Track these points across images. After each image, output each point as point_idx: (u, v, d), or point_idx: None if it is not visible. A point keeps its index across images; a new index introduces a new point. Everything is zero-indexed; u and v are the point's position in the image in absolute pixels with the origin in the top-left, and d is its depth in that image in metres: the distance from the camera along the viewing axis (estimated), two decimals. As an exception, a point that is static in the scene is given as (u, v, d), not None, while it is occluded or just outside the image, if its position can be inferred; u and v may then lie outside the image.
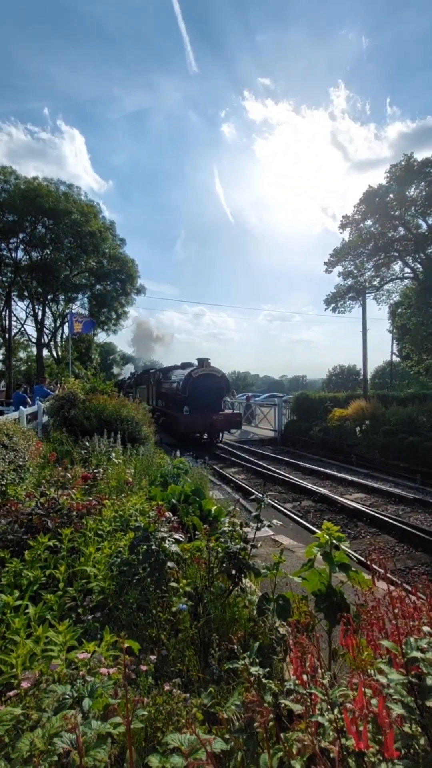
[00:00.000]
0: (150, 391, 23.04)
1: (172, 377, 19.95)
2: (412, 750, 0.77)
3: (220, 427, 16.54)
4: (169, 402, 19.32)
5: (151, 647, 2.22)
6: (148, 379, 24.23)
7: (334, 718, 0.76)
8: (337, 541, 2.75)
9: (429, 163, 22.49)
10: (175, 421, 16.60)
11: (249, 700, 0.71)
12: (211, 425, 16.01)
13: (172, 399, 18.32)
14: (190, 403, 16.21)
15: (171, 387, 18.93)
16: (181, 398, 16.57)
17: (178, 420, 16.13)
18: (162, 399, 20.74)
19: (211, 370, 17.14)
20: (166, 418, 18.61)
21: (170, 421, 17.56)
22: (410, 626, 0.91)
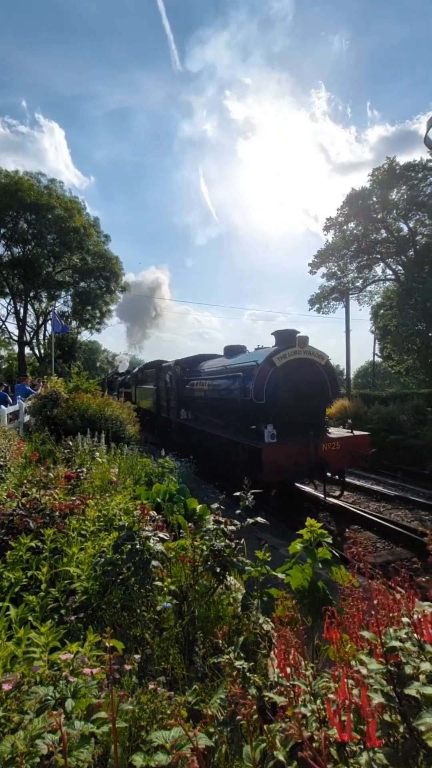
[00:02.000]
0: (165, 395, 14.59)
1: (205, 369, 11.88)
2: (392, 738, 0.79)
3: (338, 465, 7.73)
4: (212, 413, 10.66)
5: (136, 646, 2.21)
6: (159, 376, 15.70)
7: (317, 708, 0.77)
8: (320, 537, 2.79)
9: (411, 167, 22.95)
10: (236, 451, 8.08)
11: (232, 693, 0.71)
12: (321, 461, 7.34)
13: (225, 409, 9.62)
14: (273, 417, 7.62)
15: (218, 388, 10.09)
16: (251, 408, 8.04)
17: (245, 452, 7.65)
18: (191, 407, 12.34)
19: (309, 353, 8.12)
20: (206, 444, 10.05)
21: (221, 451, 8.96)
22: (389, 618, 0.93)
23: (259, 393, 7.65)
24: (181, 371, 13.38)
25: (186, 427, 12.10)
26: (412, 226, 23.98)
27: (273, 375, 7.74)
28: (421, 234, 23.56)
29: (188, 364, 13.57)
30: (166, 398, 14.52)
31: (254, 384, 7.70)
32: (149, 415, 17.29)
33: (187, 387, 12.70)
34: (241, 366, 8.90)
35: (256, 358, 8.30)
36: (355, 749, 0.70)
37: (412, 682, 0.74)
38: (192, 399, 12.22)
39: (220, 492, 6.24)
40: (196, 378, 12.16)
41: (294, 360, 8.01)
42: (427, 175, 22.54)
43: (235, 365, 9.36)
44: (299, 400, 7.99)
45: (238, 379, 8.71)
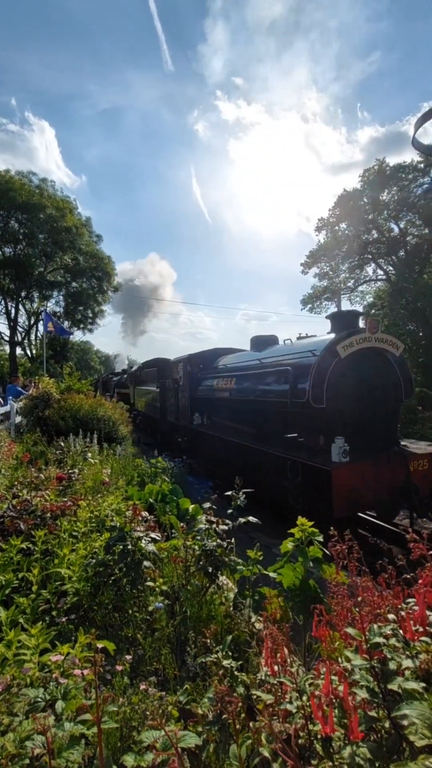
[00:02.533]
0: (173, 396, 12.10)
1: (227, 365, 9.49)
2: (378, 733, 0.80)
3: (427, 489, 5.45)
4: (239, 419, 8.34)
5: (127, 647, 2.21)
6: (164, 375, 13.71)
7: (302, 705, 0.78)
8: (311, 536, 2.81)
9: (401, 169, 23.17)
10: (283, 470, 5.80)
11: (219, 692, 0.72)
12: (410, 485, 5.20)
13: (260, 414, 7.31)
14: (337, 426, 5.52)
15: (249, 388, 7.74)
16: (303, 414, 5.88)
17: (302, 474, 5.42)
18: (207, 411, 9.96)
19: (382, 341, 5.96)
20: (231, 457, 7.93)
21: (254, 467, 6.83)
22: (376, 614, 0.95)
23: (318, 394, 5.37)
24: (194, 368, 10.92)
25: (201, 435, 9.68)
26: (403, 227, 24.22)
27: (336, 370, 5.47)
28: (412, 235, 23.81)
29: (203, 360, 11.09)
30: (174, 400, 11.94)
31: (312, 382, 5.42)
32: (150, 419, 15.63)
33: (201, 387, 10.30)
34: (289, 359, 6.40)
35: (311, 348, 5.91)
36: (339, 743, 0.71)
37: (395, 677, 0.76)
38: (209, 401, 9.73)
39: (212, 492, 6.22)
40: (214, 376, 9.63)
41: (363, 350, 5.65)
42: (416, 177, 22.77)
43: (277, 358, 6.96)
44: (370, 403, 5.73)
45: (284, 376, 6.26)
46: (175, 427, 12.30)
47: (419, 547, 0.86)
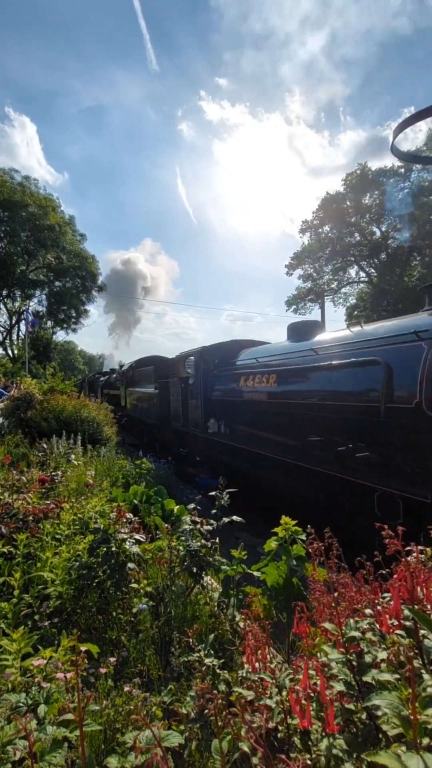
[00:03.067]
0: (179, 398, 10.07)
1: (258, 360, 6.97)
2: (353, 724, 0.83)
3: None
4: (281, 429, 5.99)
5: (112, 650, 2.20)
6: (165, 374, 11.66)
7: (281, 700, 0.80)
8: (295, 534, 2.85)
9: (382, 173, 23.61)
10: (360, 503, 4.12)
11: (200, 689, 0.74)
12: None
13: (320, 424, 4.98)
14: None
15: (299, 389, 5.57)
16: (402, 425, 3.78)
17: (400, 511, 3.64)
18: (228, 417, 7.93)
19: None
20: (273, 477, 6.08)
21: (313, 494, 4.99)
22: (354, 610, 0.97)
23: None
24: (209, 364, 8.61)
25: (220, 446, 7.76)
26: (384, 230, 24.69)
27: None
28: (393, 238, 24.29)
29: (220, 354, 8.68)
30: (180, 402, 9.77)
31: (425, 377, 3.64)
32: (146, 425, 13.41)
33: (219, 387, 8.11)
34: (374, 346, 4.42)
35: (418, 328, 3.89)
36: (317, 736, 0.74)
37: (370, 669, 0.79)
38: (230, 404, 7.46)
39: (197, 492, 6.14)
40: (238, 373, 7.27)
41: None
42: (398, 181, 23.25)
43: (350, 346, 4.79)
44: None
45: (371, 372, 4.29)
46: (181, 435, 10.13)
47: (394, 542, 0.89)
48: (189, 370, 9.81)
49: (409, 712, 0.59)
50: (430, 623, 0.75)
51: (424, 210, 22.45)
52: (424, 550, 0.99)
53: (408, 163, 19.15)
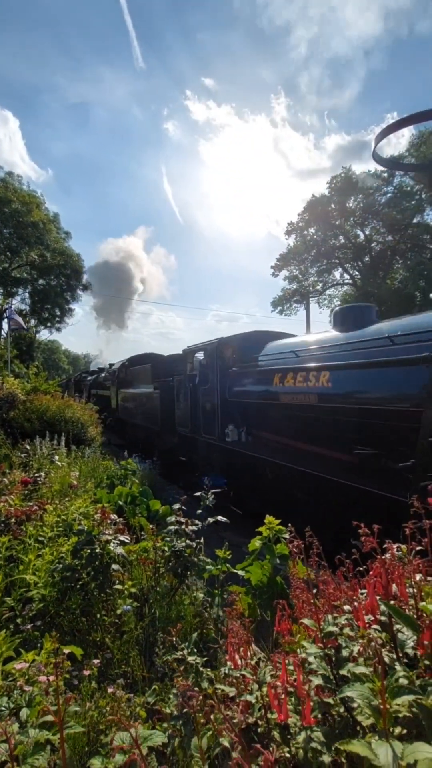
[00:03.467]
0: (185, 400, 8.69)
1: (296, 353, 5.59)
2: (331, 717, 0.86)
3: None
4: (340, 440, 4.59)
5: (95, 651, 2.19)
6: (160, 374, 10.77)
7: (262, 695, 0.82)
8: (279, 534, 2.89)
9: (366, 177, 23.99)
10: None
11: (181, 686, 0.75)
12: None
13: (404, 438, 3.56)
14: None
15: (367, 391, 4.24)
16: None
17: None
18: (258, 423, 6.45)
19: None
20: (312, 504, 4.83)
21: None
22: (331, 606, 1.00)
23: None
24: (226, 360, 7.25)
25: (244, 460, 6.23)
26: (368, 234, 25.10)
27: None
28: (376, 241, 24.71)
29: (240, 347, 7.23)
30: (188, 404, 8.24)
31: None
32: (143, 431, 11.64)
33: (240, 386, 6.65)
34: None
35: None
36: (295, 729, 0.76)
37: (346, 663, 0.81)
38: (257, 408, 6.17)
39: (183, 492, 6.03)
40: (268, 369, 5.94)
41: None
42: (381, 186, 23.66)
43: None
44: None
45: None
46: (189, 443, 8.51)
47: (370, 540, 0.92)
48: (200, 366, 8.07)
49: (379, 702, 0.62)
50: (403, 617, 0.78)
51: (406, 214, 22.94)
52: (399, 547, 1.03)
53: (389, 169, 19.58)
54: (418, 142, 22.96)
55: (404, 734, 0.65)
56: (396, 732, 0.63)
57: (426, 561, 0.99)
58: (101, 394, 18.57)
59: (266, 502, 5.75)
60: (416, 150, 22.78)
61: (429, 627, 0.74)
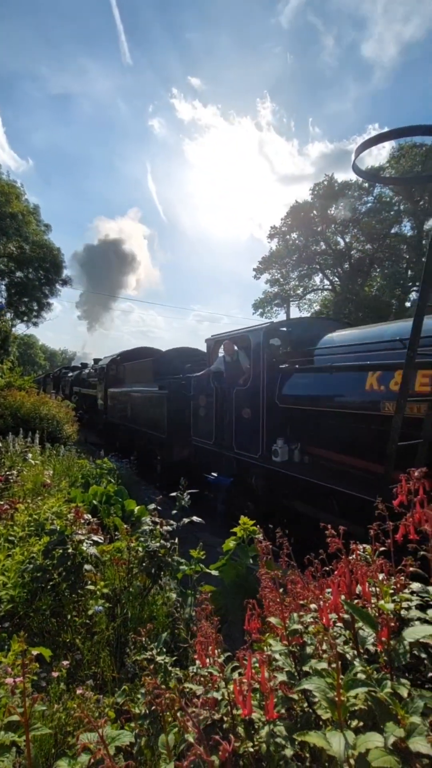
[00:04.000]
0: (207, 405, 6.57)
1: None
2: (294, 712, 0.89)
3: None
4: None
5: (65, 653, 2.17)
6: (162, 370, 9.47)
7: (228, 692, 0.84)
8: (252, 534, 2.93)
9: (347, 186, 24.53)
10: None
11: (149, 685, 0.76)
12: None
13: None
14: None
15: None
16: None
17: None
18: (329, 439, 4.54)
19: None
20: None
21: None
22: (297, 605, 1.04)
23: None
24: (272, 351, 5.61)
25: (310, 490, 4.38)
26: (348, 241, 25.66)
27: None
28: (356, 249, 25.29)
29: (290, 337, 5.84)
30: (213, 410, 6.39)
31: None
32: (141, 437, 9.46)
33: (298, 391, 4.92)
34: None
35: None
36: (259, 724, 0.79)
37: (309, 659, 0.85)
38: (336, 420, 4.36)
39: (159, 492, 5.77)
40: (346, 365, 4.28)
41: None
42: (361, 195, 24.23)
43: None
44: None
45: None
46: (212, 458, 6.58)
47: (335, 541, 0.96)
48: (231, 361, 6.27)
49: (335, 694, 0.65)
50: (363, 616, 0.82)
51: (385, 224, 23.59)
52: (364, 547, 1.07)
53: (368, 181, 20.10)
54: (398, 155, 23.65)
55: (361, 726, 0.68)
56: (353, 724, 0.67)
57: (389, 561, 1.03)
58: (85, 392, 16.63)
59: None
60: (396, 162, 23.46)
61: (386, 625, 0.78)
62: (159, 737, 0.80)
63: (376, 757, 0.54)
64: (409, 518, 1.05)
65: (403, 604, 0.93)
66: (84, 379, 17.52)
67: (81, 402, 17.09)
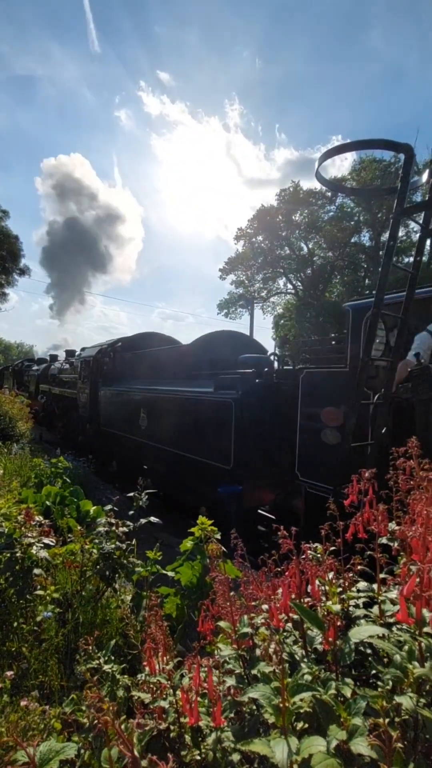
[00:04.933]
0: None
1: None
2: (243, 715, 0.88)
3: None
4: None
5: (10, 662, 2.05)
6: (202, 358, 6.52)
7: (176, 700, 0.83)
8: (211, 534, 2.92)
9: (312, 194, 25.25)
10: None
11: (91, 698, 0.73)
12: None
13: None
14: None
15: None
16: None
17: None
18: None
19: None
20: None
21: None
22: (250, 606, 1.04)
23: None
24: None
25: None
26: (311, 247, 26.42)
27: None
28: (318, 255, 26.08)
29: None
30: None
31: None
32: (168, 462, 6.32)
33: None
34: None
35: None
36: (206, 731, 0.77)
37: (258, 662, 0.85)
38: None
39: (118, 493, 5.50)
40: None
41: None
42: (325, 203, 25.02)
43: None
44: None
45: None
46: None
47: (287, 542, 0.97)
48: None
49: (279, 701, 0.65)
50: (310, 616, 0.83)
51: (345, 233, 24.50)
52: (315, 547, 1.09)
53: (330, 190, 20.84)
54: (359, 167, 24.65)
55: (307, 728, 0.69)
56: (299, 727, 0.67)
57: (338, 560, 1.06)
58: (58, 392, 12.87)
59: None
60: (357, 175, 24.44)
61: (333, 625, 0.80)
62: (102, 751, 0.77)
63: (318, 761, 0.54)
64: (358, 518, 1.08)
65: (350, 602, 0.96)
66: (55, 376, 13.98)
67: (51, 404, 14.03)
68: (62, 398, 12.53)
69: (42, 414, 14.84)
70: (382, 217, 24.16)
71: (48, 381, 14.89)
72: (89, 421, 9.77)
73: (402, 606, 0.70)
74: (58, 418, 13.35)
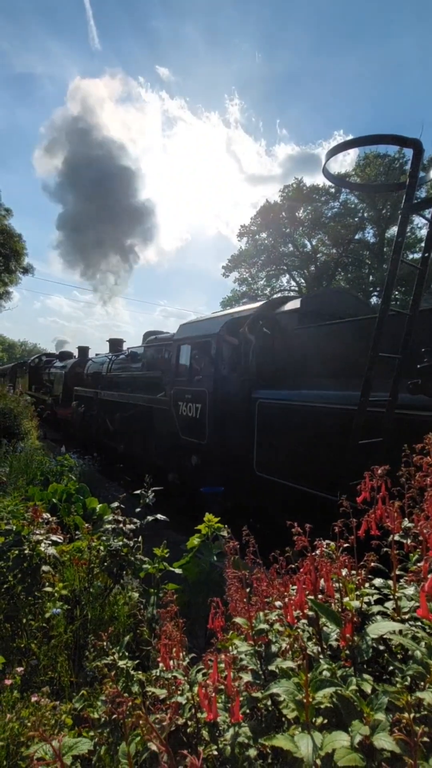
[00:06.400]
0: None
1: None
2: (258, 711, 0.88)
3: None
4: None
5: (20, 659, 2.07)
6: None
7: (192, 695, 0.83)
8: (217, 531, 2.93)
9: (315, 190, 25.11)
10: None
11: (109, 693, 0.73)
12: None
13: None
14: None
15: None
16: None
17: None
18: None
19: None
20: None
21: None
22: (263, 603, 1.04)
23: None
24: None
25: None
26: (315, 244, 26.30)
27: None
28: (322, 252, 25.97)
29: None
30: None
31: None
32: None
33: None
34: None
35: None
36: (223, 727, 0.78)
37: (275, 659, 0.85)
38: None
39: (123, 490, 5.59)
40: None
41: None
42: (328, 200, 24.89)
43: None
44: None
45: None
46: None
47: (301, 539, 0.96)
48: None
49: (303, 696, 0.65)
50: (327, 612, 0.83)
51: (349, 230, 24.38)
52: (328, 544, 1.09)
53: (337, 186, 20.73)
54: (363, 163, 24.48)
55: (325, 723, 0.69)
56: (318, 722, 0.67)
57: (352, 557, 1.05)
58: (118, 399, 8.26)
59: None
60: (361, 171, 24.28)
61: (350, 621, 0.79)
62: (120, 746, 0.77)
63: (341, 756, 0.55)
64: (371, 515, 1.07)
65: (364, 599, 0.95)
66: (95, 375, 10.15)
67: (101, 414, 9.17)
68: (117, 405, 8.26)
69: (79, 427, 10.47)
70: (386, 213, 24.01)
71: (87, 382, 10.73)
72: (206, 454, 5.53)
73: (422, 602, 0.70)
74: (125, 439, 8.24)
